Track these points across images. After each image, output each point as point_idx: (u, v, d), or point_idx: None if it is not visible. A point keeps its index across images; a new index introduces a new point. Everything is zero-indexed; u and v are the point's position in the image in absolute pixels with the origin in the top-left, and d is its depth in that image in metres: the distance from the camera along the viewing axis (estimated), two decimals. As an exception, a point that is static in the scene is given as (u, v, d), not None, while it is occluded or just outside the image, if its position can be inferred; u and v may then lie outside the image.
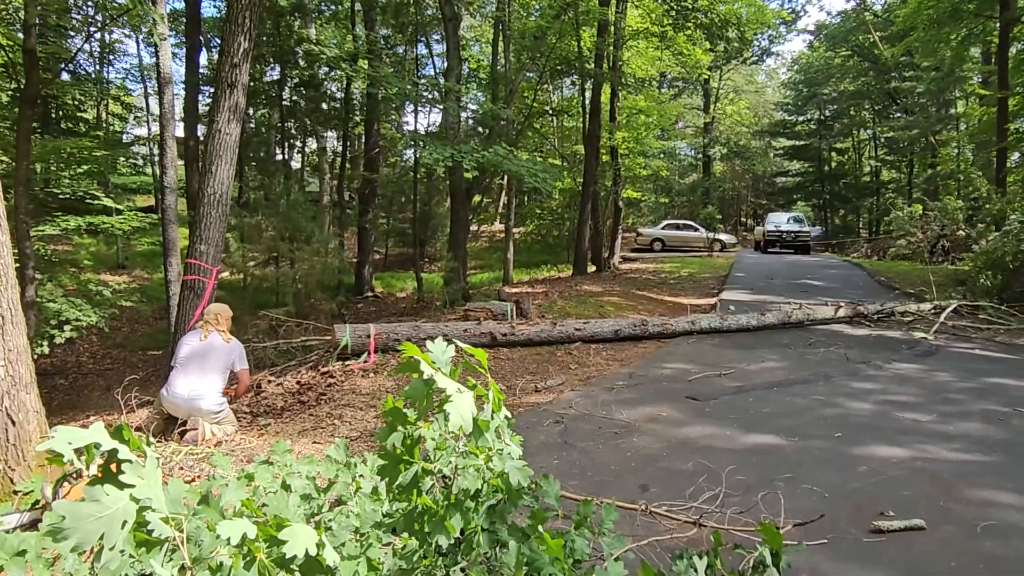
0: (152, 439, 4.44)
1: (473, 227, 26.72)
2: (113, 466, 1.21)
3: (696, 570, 1.81)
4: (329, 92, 21.61)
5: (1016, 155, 19.97)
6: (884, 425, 4.59)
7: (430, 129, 22.90)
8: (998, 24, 15.80)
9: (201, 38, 15.55)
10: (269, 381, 6.48)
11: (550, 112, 25.02)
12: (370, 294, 18.63)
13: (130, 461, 1.20)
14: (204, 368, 4.69)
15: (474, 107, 19.10)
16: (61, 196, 15.29)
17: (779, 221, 26.07)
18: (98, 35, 20.44)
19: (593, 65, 16.16)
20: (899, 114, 32.21)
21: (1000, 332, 8.55)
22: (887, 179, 36.95)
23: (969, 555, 2.77)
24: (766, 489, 3.40)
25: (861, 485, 3.52)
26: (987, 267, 10.58)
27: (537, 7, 18.48)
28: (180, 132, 14.06)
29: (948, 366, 6.60)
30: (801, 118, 39.59)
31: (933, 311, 9.49)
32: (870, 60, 30.41)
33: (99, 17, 12.83)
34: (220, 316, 4.94)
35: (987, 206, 13.47)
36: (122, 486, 1.17)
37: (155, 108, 18.90)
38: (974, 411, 4.93)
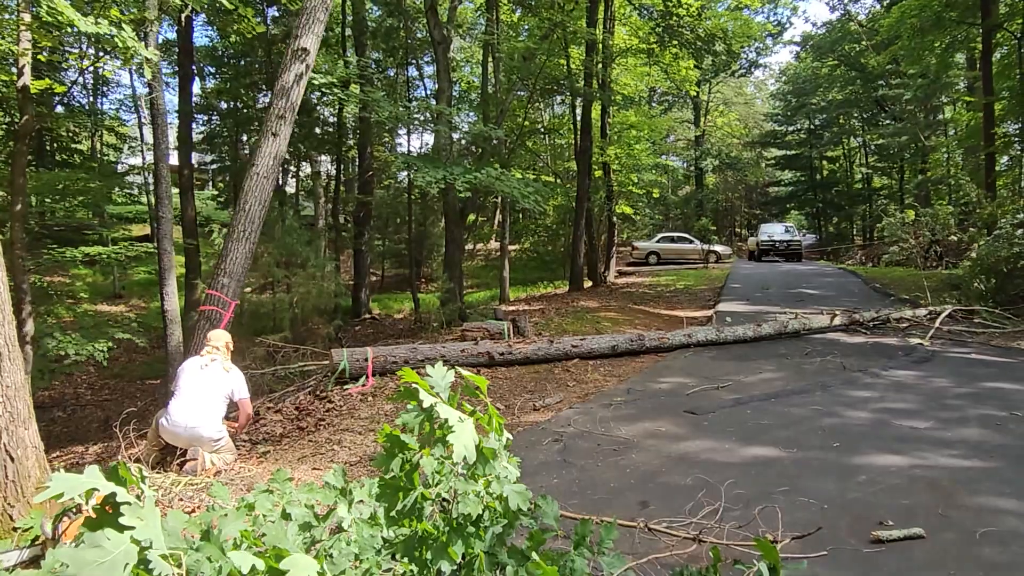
0: (149, 471, 4.43)
1: (469, 246, 26.81)
2: (108, 507, 1.22)
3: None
4: (322, 117, 21.80)
5: (1005, 159, 20.14)
6: (882, 433, 4.61)
7: (423, 150, 23.03)
8: (980, 31, 16.03)
9: (194, 67, 15.72)
10: (268, 407, 6.47)
11: (542, 130, 25.25)
12: (367, 316, 18.61)
13: (128, 503, 1.22)
14: (205, 396, 4.69)
15: (465, 128, 19.27)
16: (56, 228, 15.32)
17: (772, 231, 27.43)
18: (91, 68, 20.60)
19: (582, 83, 16.34)
20: (888, 121, 32.49)
21: (996, 335, 8.60)
22: (879, 186, 37.21)
23: (969, 562, 2.78)
24: (765, 502, 3.41)
25: (860, 495, 3.53)
26: (981, 271, 10.64)
27: (526, 28, 18.71)
28: (174, 160, 14.17)
29: (945, 371, 6.62)
30: (791, 128, 39.90)
31: (928, 316, 9.52)
32: (857, 69, 30.76)
33: (91, 51, 12.96)
34: (222, 344, 4.94)
35: (978, 210, 13.59)
36: (122, 528, 1.19)
37: (149, 137, 19.01)
38: (972, 416, 4.95)
